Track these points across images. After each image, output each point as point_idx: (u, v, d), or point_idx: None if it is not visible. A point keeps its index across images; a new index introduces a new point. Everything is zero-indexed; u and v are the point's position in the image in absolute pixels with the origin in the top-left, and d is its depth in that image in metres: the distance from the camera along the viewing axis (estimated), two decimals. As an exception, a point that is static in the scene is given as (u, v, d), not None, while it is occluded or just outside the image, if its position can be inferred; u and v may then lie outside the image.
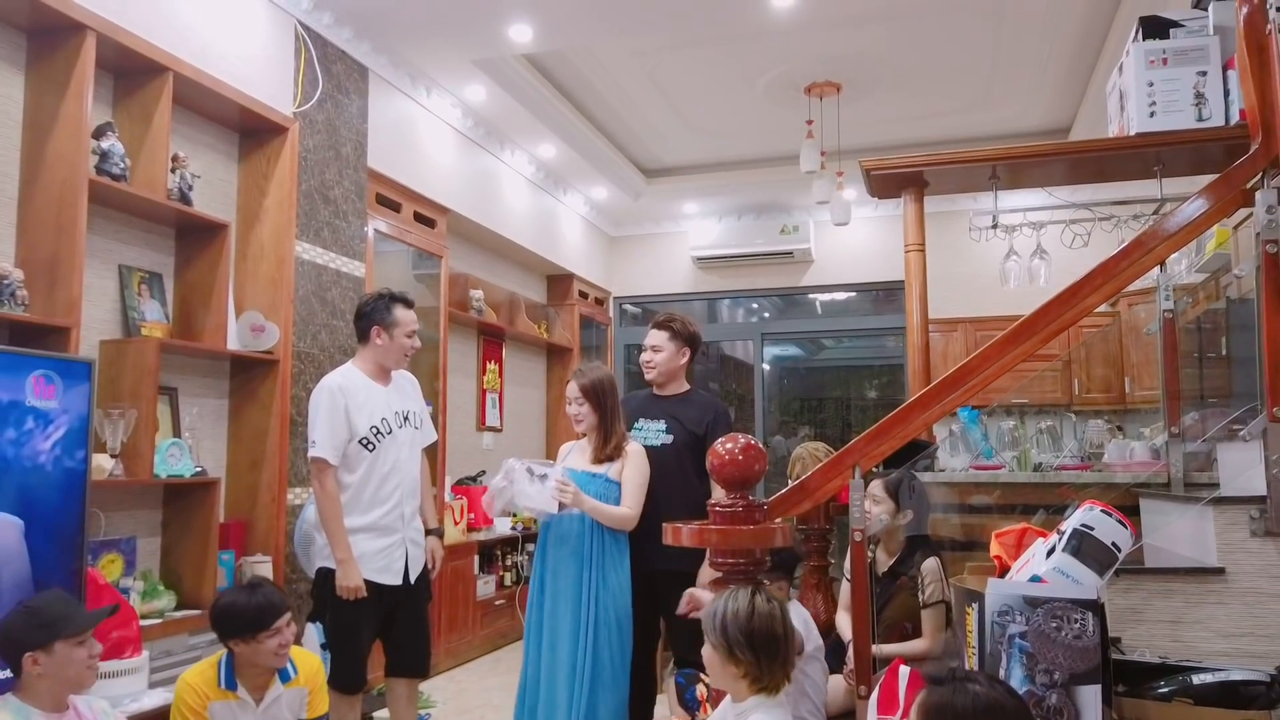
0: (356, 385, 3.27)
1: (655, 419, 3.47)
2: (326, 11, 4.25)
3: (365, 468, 3.19)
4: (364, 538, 3.16)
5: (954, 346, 6.87)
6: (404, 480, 3.29)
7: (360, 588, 3.07)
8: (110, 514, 3.26)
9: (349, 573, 3.08)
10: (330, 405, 3.16)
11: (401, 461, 3.30)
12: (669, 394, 3.53)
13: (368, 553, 3.17)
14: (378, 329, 3.30)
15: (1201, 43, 3.12)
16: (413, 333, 3.38)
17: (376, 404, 3.27)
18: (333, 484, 3.13)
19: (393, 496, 3.24)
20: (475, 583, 5.51)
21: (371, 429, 3.23)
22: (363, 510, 3.18)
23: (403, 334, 3.33)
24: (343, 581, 3.07)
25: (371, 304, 3.35)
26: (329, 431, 3.14)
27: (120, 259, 3.42)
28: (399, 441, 3.29)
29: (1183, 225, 2.46)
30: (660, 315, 3.58)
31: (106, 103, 3.36)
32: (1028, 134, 6.48)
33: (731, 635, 1.97)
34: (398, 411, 3.33)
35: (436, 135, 5.38)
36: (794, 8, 4.36)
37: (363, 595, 3.08)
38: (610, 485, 3.28)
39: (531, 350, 7.27)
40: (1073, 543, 2.02)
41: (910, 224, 3.69)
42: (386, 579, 3.19)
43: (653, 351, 3.53)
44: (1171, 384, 3.07)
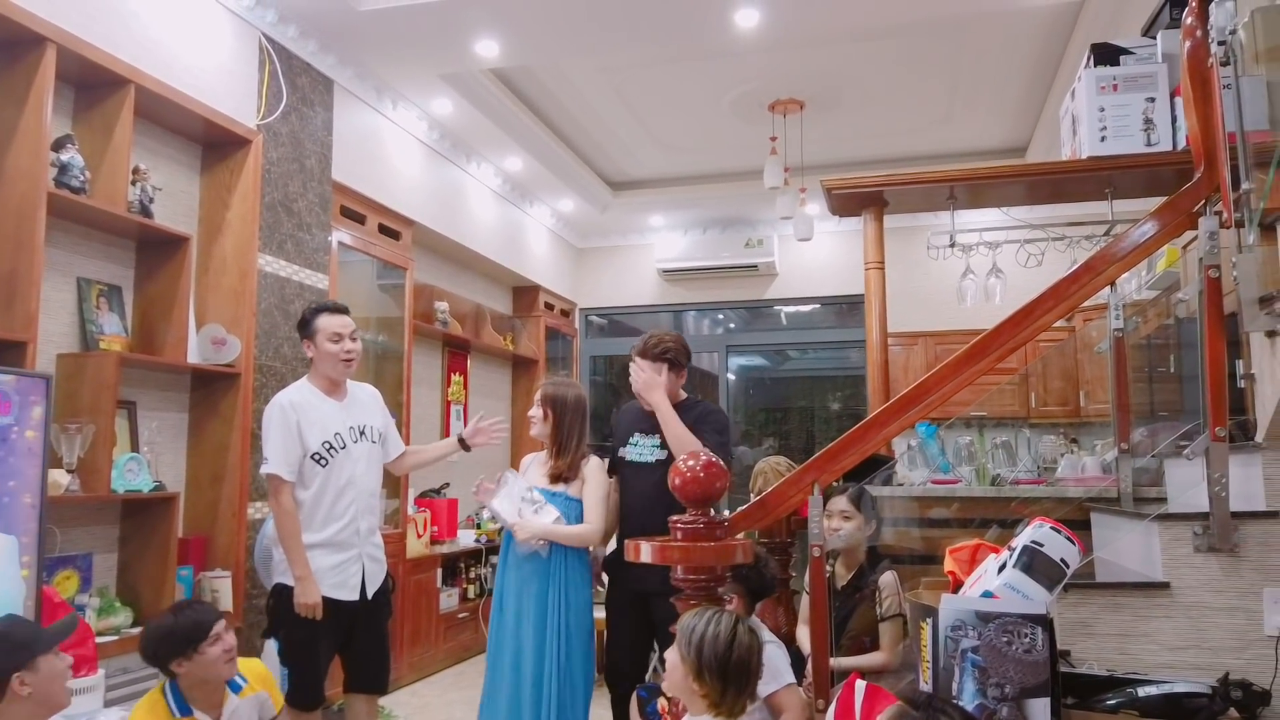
0: (309, 401, 3.24)
1: (649, 433, 3.35)
2: (292, 24, 4.24)
3: (319, 484, 3.17)
4: (320, 553, 3.14)
5: (914, 360, 6.97)
6: (360, 495, 3.25)
7: (318, 605, 3.05)
8: (66, 530, 3.22)
9: (307, 590, 3.06)
10: (282, 421, 3.13)
11: (357, 476, 3.26)
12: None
13: (323, 568, 3.14)
14: (306, 341, 3.29)
15: (1150, 70, 3.23)
16: (339, 336, 3.26)
17: (329, 419, 3.23)
18: (289, 500, 3.11)
19: (348, 512, 3.21)
20: (438, 595, 5.49)
21: (324, 444, 3.19)
22: (318, 527, 3.15)
23: (325, 339, 3.24)
24: (301, 599, 3.05)
25: (300, 318, 3.34)
26: (282, 448, 3.12)
27: (79, 272, 3.38)
28: (353, 457, 3.25)
29: (1131, 249, 2.53)
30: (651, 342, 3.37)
31: (67, 115, 3.33)
32: (987, 152, 6.61)
33: (705, 658, 1.97)
34: (352, 426, 3.29)
35: (402, 148, 5.38)
36: (758, 27, 4.42)
37: (319, 615, 3.07)
38: (571, 503, 3.30)
39: (497, 362, 7.26)
40: (1023, 559, 2.07)
41: (870, 242, 3.76)
42: (343, 595, 3.16)
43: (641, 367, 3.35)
44: (1122, 401, 3.15)
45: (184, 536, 3.64)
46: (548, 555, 3.24)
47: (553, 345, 7.81)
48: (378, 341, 5.44)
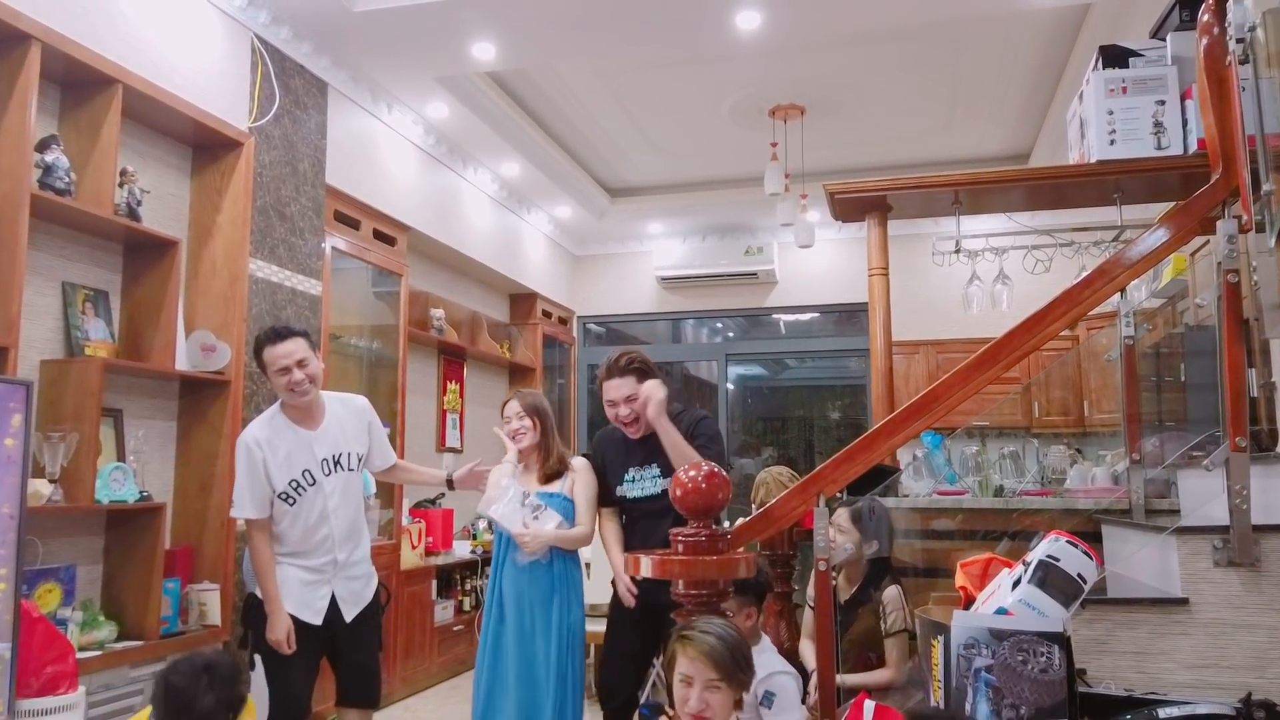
0: (279, 435, 3.06)
1: (645, 465, 3.15)
2: (285, 25, 4.17)
3: (288, 521, 3.06)
4: (292, 569, 3.06)
5: (916, 369, 6.90)
6: (334, 529, 3.10)
7: (281, 643, 2.97)
8: (49, 541, 3.13)
9: (274, 625, 2.98)
10: (248, 462, 3.01)
11: (330, 511, 3.09)
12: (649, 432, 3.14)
13: (290, 581, 3.05)
14: (263, 373, 3.11)
15: (1160, 72, 3.16)
16: (285, 369, 2.99)
17: (297, 455, 3.05)
18: (259, 538, 3.03)
19: (320, 548, 3.08)
20: (433, 608, 5.40)
21: (290, 483, 3.03)
22: (293, 556, 3.08)
23: (273, 373, 3.02)
24: (268, 633, 2.98)
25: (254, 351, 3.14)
26: (248, 490, 3.01)
27: (64, 276, 3.30)
28: (325, 491, 3.08)
29: (1144, 254, 2.46)
30: (618, 359, 3.15)
31: (52, 115, 3.25)
32: (989, 159, 6.55)
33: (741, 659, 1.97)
34: (325, 459, 3.09)
35: (397, 152, 5.30)
36: (758, 31, 4.36)
37: (285, 650, 2.98)
38: (568, 504, 3.24)
39: (493, 370, 7.18)
40: (1038, 574, 2.00)
41: (874, 248, 3.69)
42: (305, 615, 3.05)
43: (627, 404, 3.12)
44: (1132, 410, 3.08)
45: (171, 548, 3.55)
46: (548, 561, 3.18)
47: (550, 353, 7.73)
48: (372, 349, 5.37)
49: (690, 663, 1.96)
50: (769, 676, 2.65)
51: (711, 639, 1.96)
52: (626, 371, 3.10)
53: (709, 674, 1.93)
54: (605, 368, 3.17)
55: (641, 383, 3.09)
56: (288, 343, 3.02)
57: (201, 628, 3.53)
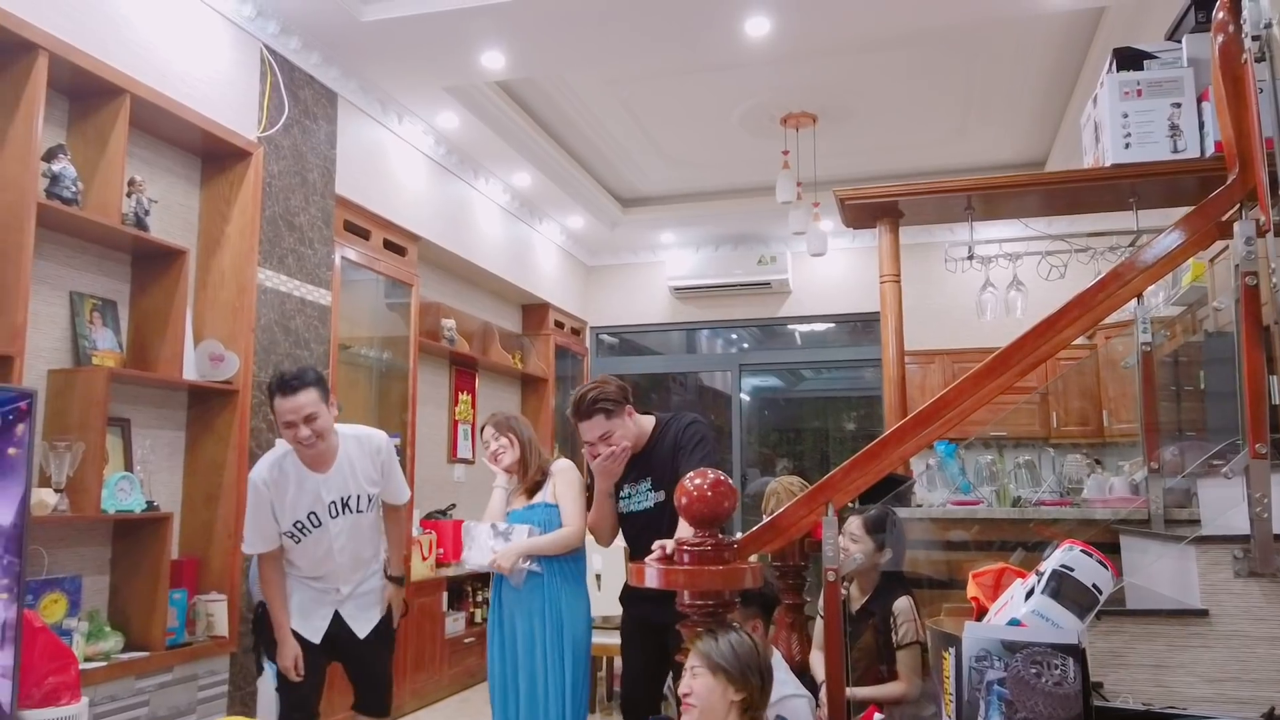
0: (287, 476, 2.99)
1: (639, 480, 3.06)
2: (294, 36, 4.18)
3: (297, 553, 3.07)
4: (297, 585, 3.10)
5: (931, 379, 6.83)
6: (339, 566, 3.10)
7: (289, 670, 3.01)
8: (54, 551, 3.12)
9: (283, 652, 3.01)
10: (256, 502, 2.99)
11: (335, 550, 3.07)
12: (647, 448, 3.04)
13: (296, 592, 3.10)
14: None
15: (1175, 74, 3.11)
16: (290, 424, 2.87)
17: (304, 499, 3.00)
18: (269, 570, 3.05)
19: (323, 580, 3.12)
20: (443, 620, 5.36)
21: (295, 524, 3.01)
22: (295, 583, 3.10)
23: (280, 425, 2.91)
24: (278, 660, 3.03)
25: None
26: (255, 529, 3.01)
27: (72, 285, 3.30)
28: (331, 533, 3.05)
29: (1159, 257, 2.41)
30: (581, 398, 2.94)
31: (60, 125, 3.26)
32: (1003, 166, 6.49)
33: (744, 658, 1.98)
34: (333, 501, 3.03)
35: (408, 162, 5.31)
36: (769, 38, 4.33)
37: (297, 676, 3.01)
38: (550, 509, 3.26)
39: (505, 381, 7.16)
40: (1052, 584, 1.94)
41: (885, 254, 3.64)
42: (304, 632, 3.07)
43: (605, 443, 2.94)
44: (1150, 418, 3.02)
45: (178, 558, 3.54)
46: (542, 571, 3.18)
47: (562, 364, 7.71)
48: (383, 360, 5.36)
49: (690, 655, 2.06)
50: (781, 700, 2.58)
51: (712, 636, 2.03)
52: (592, 412, 2.92)
53: (694, 661, 2.03)
54: (572, 407, 3.00)
55: (609, 420, 2.93)
56: (299, 396, 2.86)
57: (208, 639, 3.52)
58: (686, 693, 2.01)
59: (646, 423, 3.07)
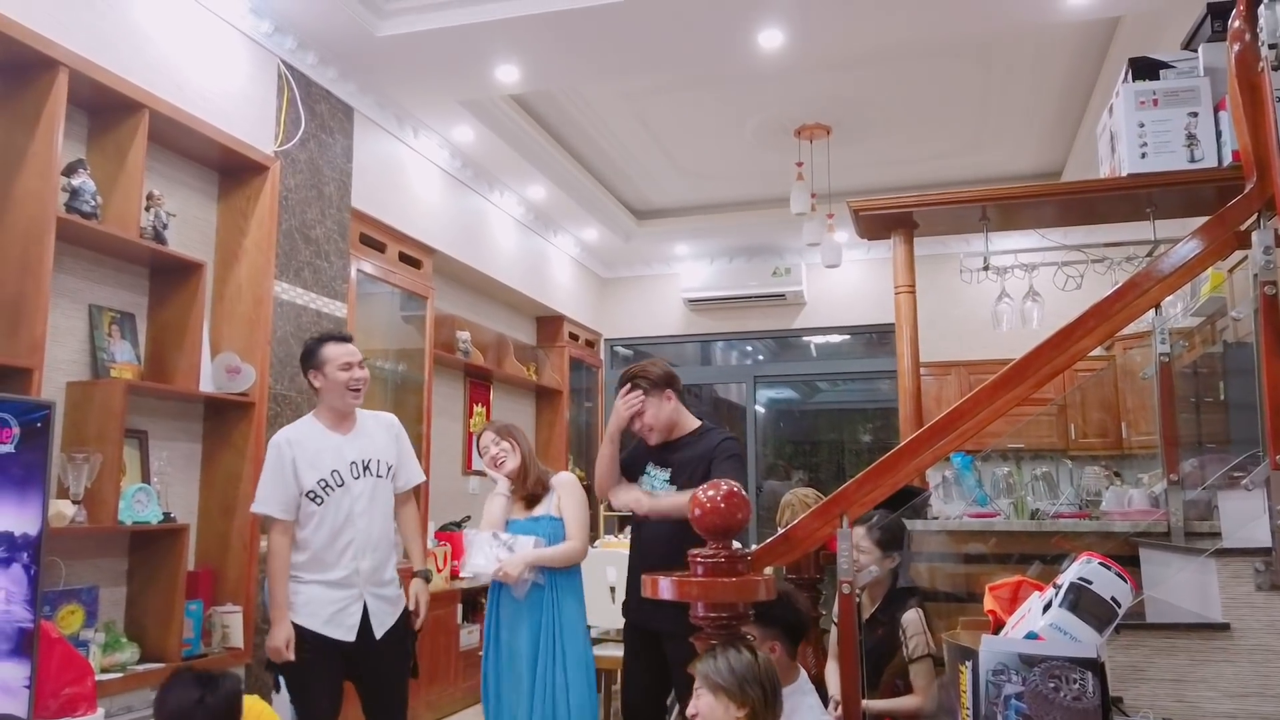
0: (309, 436, 3.10)
1: (662, 467, 3.18)
2: (311, 51, 4.22)
3: (314, 524, 3.03)
4: (318, 589, 3.03)
5: (947, 390, 6.79)
6: (359, 534, 3.08)
7: (279, 649, 2.92)
8: (71, 562, 3.13)
9: (274, 632, 2.94)
10: (276, 459, 3.02)
11: (356, 515, 3.08)
12: (676, 438, 3.18)
13: (317, 600, 3.01)
14: (313, 372, 3.15)
15: (1192, 84, 3.09)
16: (349, 364, 3.14)
17: (327, 456, 3.07)
18: (278, 539, 3.01)
19: (346, 553, 3.05)
20: (458, 632, 5.36)
21: (319, 482, 3.04)
22: (315, 568, 3.03)
23: (336, 368, 3.12)
24: (268, 641, 2.95)
25: (304, 349, 3.21)
26: (272, 486, 3.01)
27: (91, 299, 3.33)
28: (353, 494, 3.08)
29: (1176, 267, 2.39)
30: (624, 371, 3.20)
31: (80, 140, 3.30)
32: (1019, 177, 6.47)
33: (741, 675, 1.98)
34: (354, 461, 3.12)
35: (423, 175, 5.34)
36: (782, 51, 4.33)
37: (282, 659, 2.94)
38: (555, 523, 3.30)
39: (520, 392, 7.17)
40: (1070, 597, 1.92)
41: (900, 265, 3.63)
42: (336, 634, 3.01)
43: (639, 418, 3.15)
44: (1169, 430, 2.98)
45: (194, 569, 3.55)
46: (544, 582, 3.22)
47: (576, 376, 7.72)
48: (398, 371, 5.37)
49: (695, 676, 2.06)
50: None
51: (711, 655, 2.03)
52: (631, 384, 3.12)
53: (697, 681, 2.04)
54: (620, 376, 3.24)
55: (646, 395, 3.09)
56: (351, 344, 3.21)
57: (223, 650, 3.52)
58: (693, 714, 2.03)
59: (688, 419, 3.19)
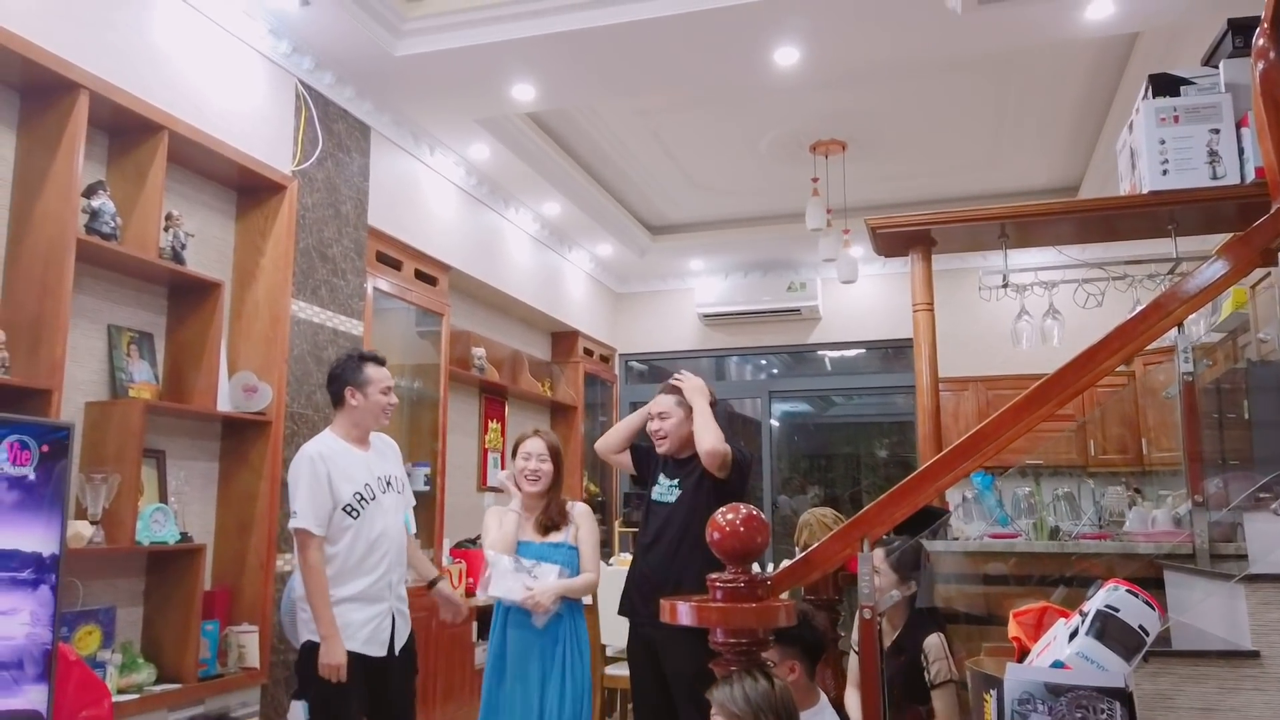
0: (337, 451, 3.18)
1: (671, 477, 3.36)
2: (328, 71, 4.24)
3: (350, 537, 3.07)
4: (350, 608, 3.04)
5: (965, 406, 6.75)
6: (391, 548, 3.18)
7: (342, 666, 2.94)
8: (89, 583, 3.14)
9: (331, 650, 2.95)
10: (311, 473, 3.05)
11: (388, 528, 3.19)
12: (688, 455, 3.33)
13: (354, 623, 3.04)
14: (351, 389, 3.22)
15: (1214, 100, 3.07)
16: (388, 389, 3.29)
17: (357, 470, 3.16)
18: (316, 556, 3.01)
19: (380, 565, 3.13)
20: (473, 650, 5.33)
21: (355, 495, 3.12)
22: (349, 581, 3.06)
23: (377, 391, 3.25)
24: (325, 659, 2.94)
25: (342, 366, 3.28)
26: (310, 501, 3.03)
27: (110, 319, 3.34)
28: (384, 508, 3.18)
29: (1201, 287, 2.36)
30: (665, 382, 3.43)
31: (100, 161, 3.32)
32: (1036, 192, 6.44)
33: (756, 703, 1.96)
34: (380, 476, 3.23)
35: (439, 193, 5.35)
36: (797, 67, 4.33)
37: (343, 676, 2.94)
38: (572, 552, 3.35)
39: (535, 408, 7.16)
40: (1096, 625, 1.89)
41: (918, 283, 3.60)
42: (373, 650, 3.06)
43: (660, 419, 3.36)
44: (1193, 449, 2.95)
45: (210, 589, 3.55)
46: (558, 616, 3.28)
47: (591, 391, 7.71)
48: (414, 388, 5.37)
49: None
50: None
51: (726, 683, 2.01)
52: (670, 390, 3.38)
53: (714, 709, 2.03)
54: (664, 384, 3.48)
55: (680, 406, 3.34)
56: (386, 369, 3.32)
57: (240, 670, 3.51)
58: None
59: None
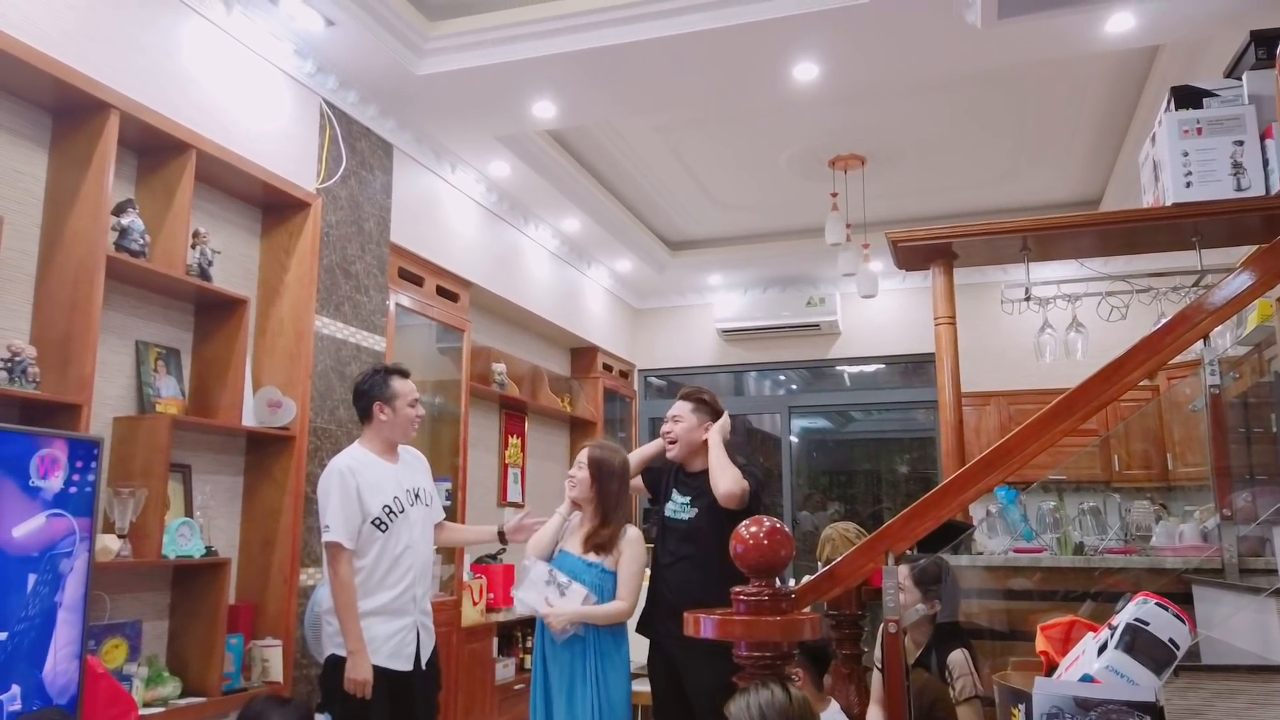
0: (365, 464, 3.23)
1: (683, 494, 3.40)
2: (352, 90, 4.29)
3: (377, 550, 3.11)
4: (375, 621, 3.06)
5: (987, 421, 6.70)
6: (417, 561, 3.21)
7: (368, 683, 2.96)
8: (116, 596, 3.16)
9: (359, 665, 2.97)
10: (341, 487, 3.09)
11: (415, 541, 3.22)
12: (699, 469, 3.42)
13: (379, 637, 3.07)
14: (379, 404, 3.29)
15: (1237, 112, 3.05)
16: (415, 401, 3.37)
17: (387, 483, 3.21)
18: (347, 571, 3.05)
19: (405, 579, 3.16)
20: (494, 666, 5.33)
21: (384, 508, 3.16)
22: (374, 593, 3.08)
23: (405, 404, 3.33)
24: (351, 674, 2.96)
25: (369, 381, 3.34)
26: (342, 514, 3.06)
27: (138, 335, 3.39)
28: (411, 521, 3.22)
29: (1227, 299, 2.34)
30: (685, 389, 3.52)
31: (129, 180, 3.37)
32: (1057, 205, 6.41)
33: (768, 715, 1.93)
34: (409, 489, 3.28)
35: (460, 210, 5.39)
36: (816, 84, 4.34)
37: (368, 693, 2.96)
38: (606, 576, 3.28)
39: (554, 424, 7.18)
40: (1125, 639, 1.87)
41: (939, 296, 3.60)
42: (397, 664, 3.08)
43: (673, 422, 3.46)
44: (1220, 463, 2.93)
45: (234, 603, 3.57)
46: (585, 634, 3.21)
47: (610, 407, 7.71)
48: (434, 404, 5.40)
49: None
50: None
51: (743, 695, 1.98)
52: (683, 397, 3.50)
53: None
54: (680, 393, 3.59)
55: (695, 413, 3.44)
56: (411, 381, 3.41)
57: (263, 684, 3.53)
58: None
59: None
